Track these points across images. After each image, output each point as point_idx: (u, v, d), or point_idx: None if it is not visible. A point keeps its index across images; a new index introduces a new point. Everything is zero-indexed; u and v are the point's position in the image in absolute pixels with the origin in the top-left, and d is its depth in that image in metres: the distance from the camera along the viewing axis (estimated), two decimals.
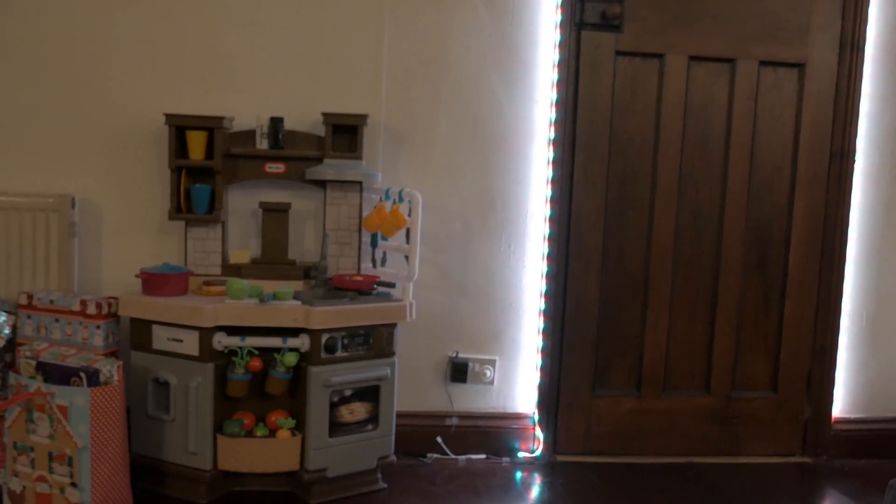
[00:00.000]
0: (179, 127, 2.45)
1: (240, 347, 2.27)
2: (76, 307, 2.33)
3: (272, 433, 2.33)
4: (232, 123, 2.54)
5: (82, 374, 2.04)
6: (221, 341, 2.27)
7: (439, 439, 2.71)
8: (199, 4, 2.56)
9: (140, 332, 2.33)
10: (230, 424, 2.30)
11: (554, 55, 2.64)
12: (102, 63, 2.54)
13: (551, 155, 2.66)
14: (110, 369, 2.05)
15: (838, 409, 2.87)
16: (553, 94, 2.65)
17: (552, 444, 2.76)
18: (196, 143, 2.46)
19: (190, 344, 2.27)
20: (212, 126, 2.45)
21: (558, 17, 2.62)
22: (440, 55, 2.64)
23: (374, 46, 2.62)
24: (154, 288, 2.35)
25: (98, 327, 2.32)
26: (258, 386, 2.32)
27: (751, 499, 2.53)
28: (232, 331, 2.28)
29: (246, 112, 2.54)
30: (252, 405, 2.35)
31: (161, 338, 2.30)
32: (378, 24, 2.61)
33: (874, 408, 2.91)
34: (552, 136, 2.66)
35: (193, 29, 2.56)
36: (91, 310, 2.32)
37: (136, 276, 2.37)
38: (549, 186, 2.67)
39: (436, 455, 2.70)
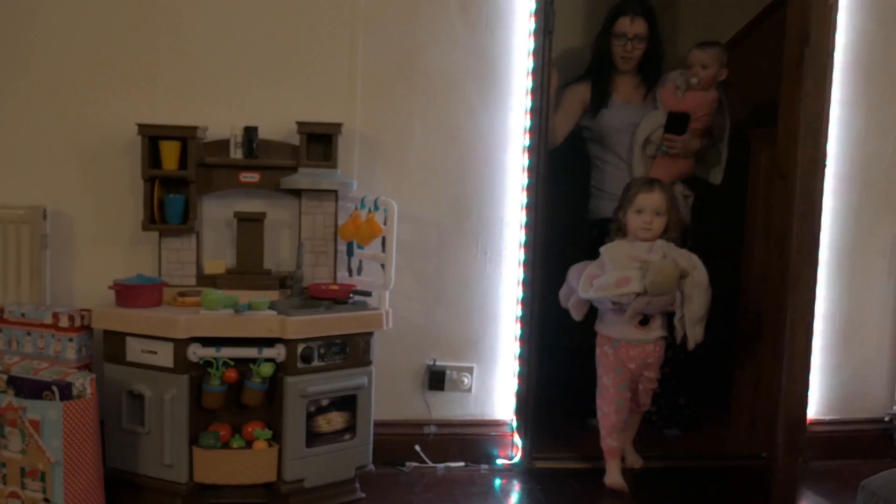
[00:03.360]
0: (152, 137, 2.43)
1: (215, 358, 2.25)
2: (48, 320, 2.31)
3: (248, 444, 2.31)
4: (206, 133, 2.52)
5: (55, 388, 2.01)
6: (196, 352, 2.25)
7: (417, 448, 2.70)
8: (173, 14, 2.54)
9: (114, 344, 2.30)
10: (206, 436, 2.29)
11: (528, 63, 2.65)
12: (74, 72, 2.52)
13: (526, 162, 2.67)
14: (83, 382, 2.03)
15: (813, 411, 2.89)
16: (528, 102, 2.66)
17: (530, 450, 2.75)
18: (169, 153, 2.44)
19: (164, 356, 2.25)
20: (185, 136, 2.43)
21: (532, 25, 2.63)
22: (415, 64, 2.64)
23: (349, 55, 2.61)
24: (127, 299, 2.33)
25: (71, 340, 2.29)
26: (234, 397, 2.31)
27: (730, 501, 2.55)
28: (207, 342, 2.26)
29: (220, 121, 2.52)
30: (228, 416, 2.33)
31: (135, 350, 2.28)
32: (352, 33, 2.61)
33: (848, 409, 2.94)
34: (527, 143, 2.66)
35: (167, 38, 2.55)
36: (63, 322, 2.29)
37: (110, 287, 2.34)
38: (525, 193, 2.68)
39: (414, 463, 2.70)
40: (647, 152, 2.99)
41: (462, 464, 2.73)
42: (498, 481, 2.66)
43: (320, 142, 2.51)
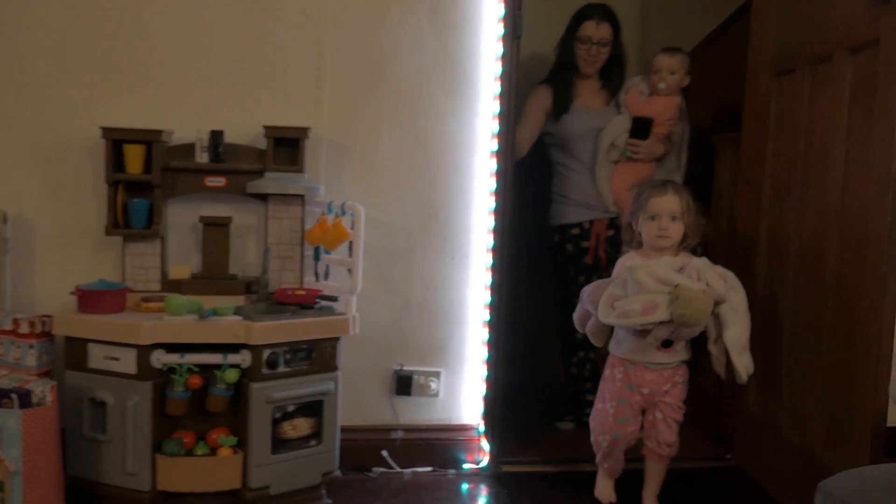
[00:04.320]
0: (116, 140, 2.39)
1: (179, 365, 2.23)
2: (8, 326, 2.27)
3: (213, 451, 2.29)
4: (171, 137, 2.49)
5: (14, 396, 1.98)
6: (160, 359, 2.23)
7: (385, 453, 2.69)
8: (138, 15, 2.51)
9: (75, 350, 2.27)
10: (169, 444, 2.26)
11: (496, 67, 2.66)
12: (36, 74, 2.48)
13: (494, 166, 2.67)
14: (43, 390, 2.00)
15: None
16: (495, 106, 2.66)
17: (497, 454, 2.76)
18: (134, 157, 2.41)
19: (127, 362, 2.22)
20: (150, 139, 2.40)
21: (500, 30, 2.64)
22: (383, 68, 2.64)
23: (317, 59, 2.60)
24: (90, 305, 2.29)
25: (31, 347, 2.25)
26: (198, 403, 2.28)
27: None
28: (171, 348, 2.24)
29: (186, 125, 2.49)
30: (192, 423, 2.31)
31: (97, 356, 2.25)
32: (320, 38, 2.60)
33: None
34: (495, 147, 2.67)
35: (131, 41, 2.52)
36: (24, 329, 2.26)
37: (72, 293, 2.31)
38: (492, 198, 2.68)
39: (381, 469, 2.69)
40: (611, 157, 3.02)
41: (429, 469, 2.73)
42: (465, 486, 2.66)
43: (287, 146, 2.50)
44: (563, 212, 3.10)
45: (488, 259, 2.71)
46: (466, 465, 2.75)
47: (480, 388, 2.75)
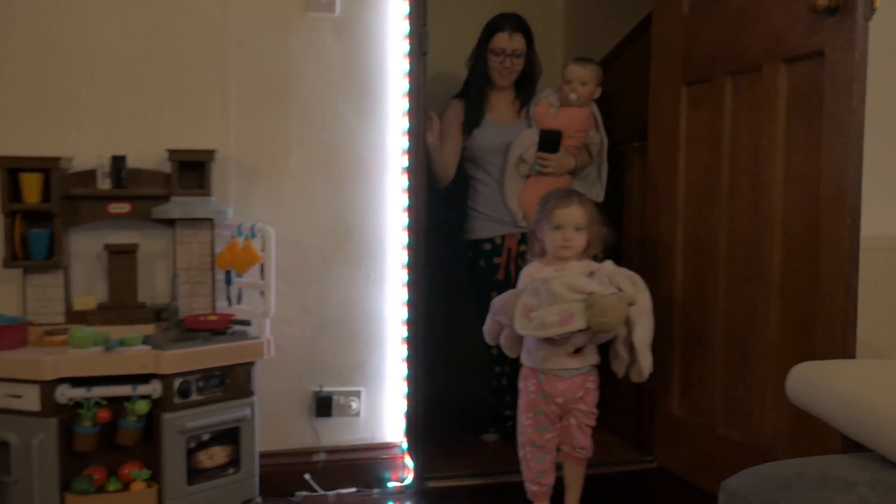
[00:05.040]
0: (11, 169, 2.31)
1: (86, 399, 2.16)
2: None
3: (126, 486, 2.22)
4: (71, 163, 2.42)
5: None
6: (65, 394, 2.16)
7: (307, 476, 2.65)
8: (29, 36, 2.44)
9: None
10: (79, 481, 2.19)
11: (404, 84, 2.66)
12: None
13: (406, 183, 2.67)
14: None
15: None
16: (405, 123, 2.67)
17: (422, 470, 2.75)
18: (31, 186, 2.33)
19: (30, 399, 2.15)
20: (48, 167, 2.33)
21: (406, 47, 2.65)
22: (289, 87, 2.62)
23: (221, 80, 2.57)
24: None
25: None
26: (108, 437, 2.21)
27: None
28: (77, 382, 2.17)
29: (86, 151, 2.43)
30: (103, 458, 2.24)
31: None
32: (224, 58, 2.57)
33: None
34: (406, 164, 2.67)
35: (25, 64, 2.44)
36: None
37: None
38: (406, 214, 2.68)
39: (304, 493, 2.65)
40: (521, 172, 2.99)
41: (354, 489, 2.69)
42: None
43: (193, 169, 2.45)
44: (476, 226, 3.08)
45: (404, 275, 2.70)
46: (391, 484, 2.73)
47: (402, 406, 2.74)
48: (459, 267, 3.28)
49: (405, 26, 2.65)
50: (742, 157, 2.51)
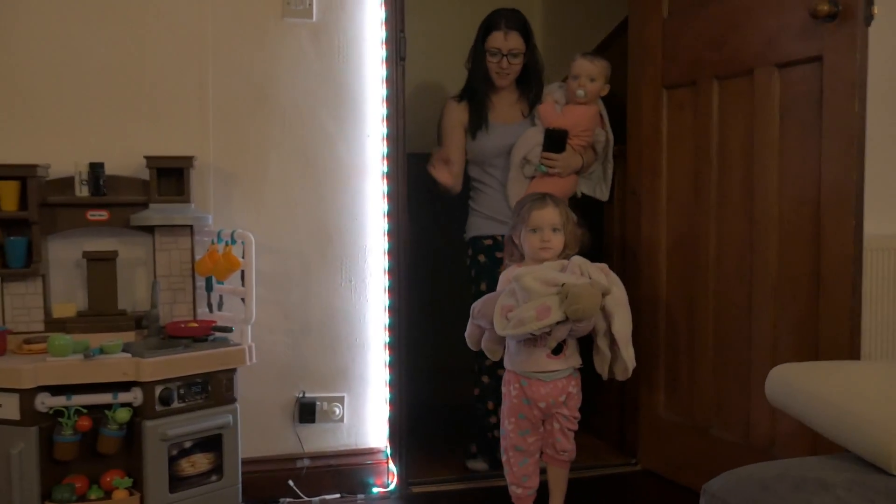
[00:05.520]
0: None
1: (66, 407, 2.15)
2: None
3: (108, 494, 2.21)
4: (48, 171, 2.41)
5: None
6: (45, 402, 2.14)
7: (291, 483, 2.64)
8: (7, 44, 2.43)
9: None
10: (60, 490, 2.17)
11: (382, 90, 2.67)
12: None
13: (386, 188, 2.68)
14: None
15: None
16: (384, 128, 2.67)
17: (406, 476, 2.75)
18: (7, 194, 2.32)
19: (9, 408, 2.13)
20: (25, 175, 2.32)
21: (384, 53, 2.65)
22: (267, 93, 2.62)
23: (199, 86, 2.56)
24: None
25: None
26: (89, 446, 2.20)
27: None
28: (56, 390, 2.15)
29: (64, 158, 2.41)
30: (84, 467, 2.22)
31: None
32: (202, 64, 2.56)
33: None
34: (385, 169, 2.68)
35: (1, 73, 2.43)
36: None
37: None
38: (386, 220, 2.68)
39: (288, 499, 2.64)
40: (526, 173, 2.84)
41: (338, 495, 2.69)
42: None
43: (172, 176, 2.45)
44: (478, 223, 2.94)
45: (386, 281, 2.70)
46: (375, 490, 2.73)
47: (386, 411, 2.74)
48: (447, 270, 3.25)
49: (383, 32, 2.66)
50: (731, 159, 2.53)
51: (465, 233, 3.02)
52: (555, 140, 2.78)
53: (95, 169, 2.39)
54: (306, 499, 2.65)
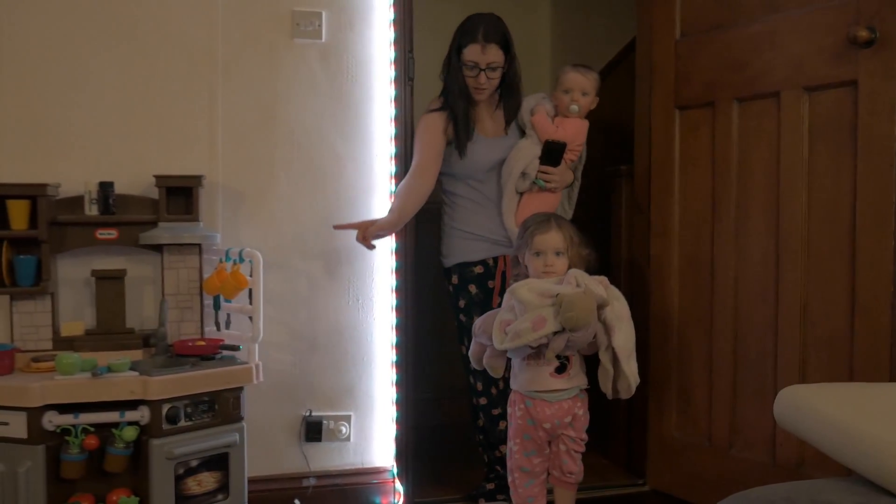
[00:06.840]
0: None
1: (73, 426, 2.16)
2: None
3: None
4: (58, 190, 2.43)
5: None
6: (52, 420, 2.15)
7: (297, 502, 2.64)
8: (16, 63, 2.46)
9: None
10: None
11: (390, 109, 2.68)
12: None
13: None
14: None
15: None
16: (392, 148, 2.68)
17: (412, 495, 2.74)
18: (18, 213, 2.34)
19: (17, 426, 2.14)
20: (35, 194, 2.34)
21: (392, 73, 2.67)
22: (276, 113, 2.64)
23: (209, 107, 2.58)
24: None
25: None
26: (96, 464, 2.20)
27: None
28: (64, 408, 2.16)
29: (74, 178, 2.44)
30: (90, 485, 2.22)
31: None
32: (211, 85, 2.59)
33: None
34: (393, 188, 2.68)
35: (13, 93, 2.45)
36: None
37: None
38: (393, 238, 2.69)
39: None
40: (520, 188, 2.64)
41: None
42: None
43: (181, 195, 2.46)
44: (462, 247, 2.70)
45: (393, 300, 2.71)
46: None
47: (392, 430, 2.73)
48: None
49: (391, 52, 2.67)
50: (752, 179, 2.52)
51: (444, 256, 2.76)
52: (553, 152, 2.61)
53: (105, 188, 2.40)
54: None
